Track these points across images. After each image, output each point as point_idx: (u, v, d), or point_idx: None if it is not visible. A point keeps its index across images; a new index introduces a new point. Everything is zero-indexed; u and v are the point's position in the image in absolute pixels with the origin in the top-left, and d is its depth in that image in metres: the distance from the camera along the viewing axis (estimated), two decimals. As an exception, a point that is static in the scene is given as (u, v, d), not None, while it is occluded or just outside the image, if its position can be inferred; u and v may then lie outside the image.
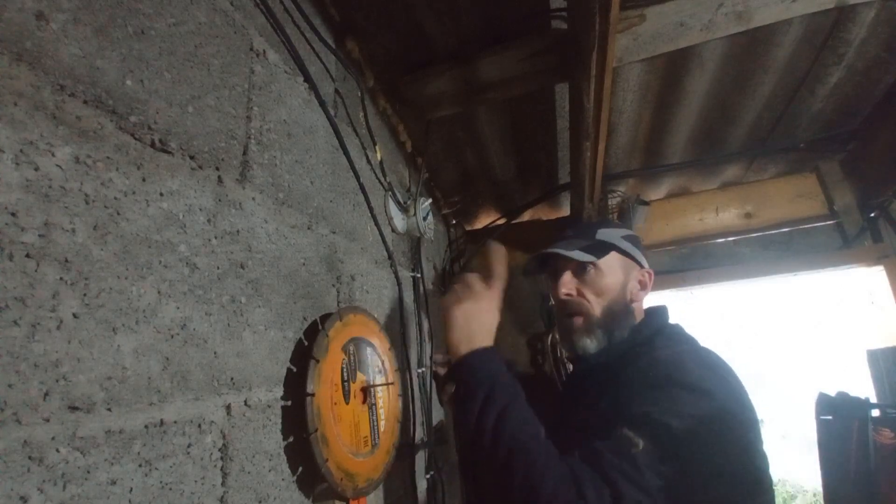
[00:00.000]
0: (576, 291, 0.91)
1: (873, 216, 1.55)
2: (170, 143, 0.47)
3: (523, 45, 0.98)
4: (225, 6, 0.59)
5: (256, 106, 0.63)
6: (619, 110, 1.32)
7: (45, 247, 0.34)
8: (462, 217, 1.90)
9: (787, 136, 1.49)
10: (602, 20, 0.75)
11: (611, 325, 0.89)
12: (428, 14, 0.93)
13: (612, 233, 0.96)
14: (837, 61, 1.18)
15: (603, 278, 0.91)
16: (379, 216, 1.01)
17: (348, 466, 0.66)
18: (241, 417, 0.52)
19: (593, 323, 0.89)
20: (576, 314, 0.91)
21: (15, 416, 0.31)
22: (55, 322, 0.34)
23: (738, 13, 0.92)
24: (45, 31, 0.36)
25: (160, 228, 0.45)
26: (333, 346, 0.68)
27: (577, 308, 0.91)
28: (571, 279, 0.92)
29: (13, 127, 0.33)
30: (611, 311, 0.90)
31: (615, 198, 1.75)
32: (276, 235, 0.64)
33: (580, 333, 0.90)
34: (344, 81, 0.94)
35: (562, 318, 0.94)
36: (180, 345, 0.45)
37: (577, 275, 0.92)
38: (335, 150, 0.85)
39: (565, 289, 0.91)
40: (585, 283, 0.91)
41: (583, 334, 0.89)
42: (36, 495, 0.31)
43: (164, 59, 0.48)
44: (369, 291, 0.94)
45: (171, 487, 0.42)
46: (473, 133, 1.36)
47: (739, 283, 1.68)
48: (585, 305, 0.90)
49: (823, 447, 1.28)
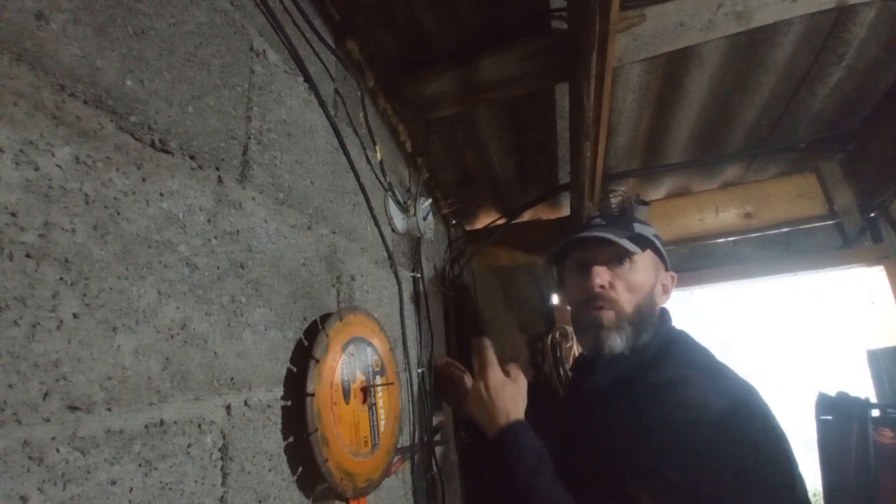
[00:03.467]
0: (609, 284, 0.85)
1: (873, 216, 1.55)
2: (170, 143, 0.47)
3: (523, 45, 0.98)
4: (225, 6, 0.59)
5: (256, 106, 0.63)
6: (619, 110, 1.32)
7: (45, 247, 0.34)
8: (462, 217, 1.90)
9: (787, 136, 1.49)
10: (602, 20, 0.75)
11: (640, 325, 0.83)
12: (428, 14, 0.93)
13: (646, 228, 0.91)
14: (837, 61, 1.18)
15: (637, 274, 0.85)
16: (379, 216, 1.01)
17: (348, 466, 0.66)
18: (241, 417, 0.52)
19: (624, 319, 0.83)
20: (607, 308, 0.84)
21: (15, 416, 0.31)
22: (55, 322, 0.34)
23: (738, 13, 0.92)
24: (45, 31, 0.36)
25: (160, 228, 0.45)
26: (333, 346, 0.68)
27: (609, 302, 0.84)
28: (606, 271, 0.85)
29: (13, 127, 0.33)
30: (640, 310, 0.84)
31: (615, 198, 1.75)
32: (276, 235, 0.64)
33: (609, 329, 0.83)
34: (344, 81, 0.94)
35: (587, 311, 0.86)
36: (180, 345, 0.45)
37: (611, 267, 0.86)
38: (335, 150, 0.85)
39: (600, 279, 0.84)
40: (619, 277, 0.85)
41: (612, 330, 0.83)
42: (36, 495, 0.31)
43: (164, 59, 0.48)
44: (369, 291, 0.94)
45: (171, 487, 0.42)
46: (473, 133, 1.36)
47: (739, 283, 1.68)
48: (617, 301, 0.84)
49: (823, 447, 1.28)
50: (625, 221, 0.91)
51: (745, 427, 0.66)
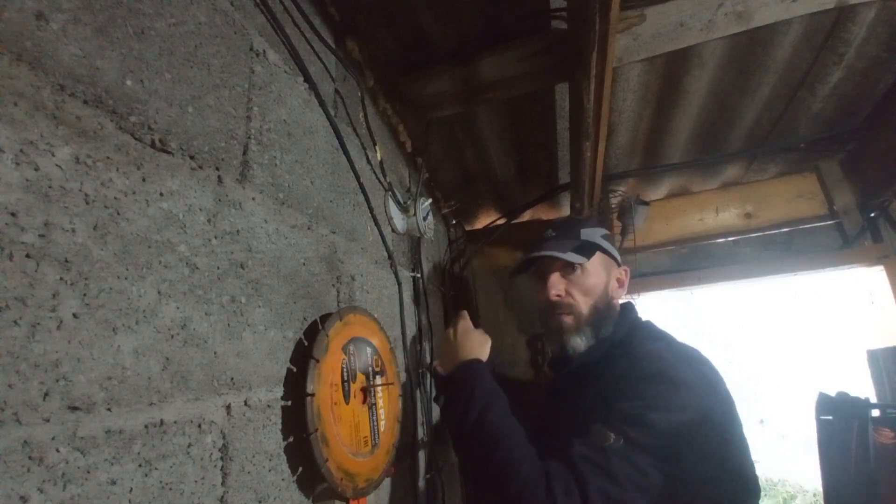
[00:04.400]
0: (564, 292, 0.94)
1: (873, 216, 1.55)
2: (170, 143, 0.47)
3: (523, 45, 0.98)
4: (225, 6, 0.59)
5: (256, 106, 0.63)
6: (619, 110, 1.32)
7: (45, 247, 0.34)
8: (462, 217, 1.90)
9: (787, 136, 1.49)
10: (602, 20, 0.75)
11: (598, 323, 0.92)
12: (428, 14, 0.93)
13: (593, 232, 0.98)
14: (837, 61, 1.18)
15: (589, 278, 0.93)
16: (379, 216, 1.01)
17: (348, 466, 0.66)
18: (241, 417, 0.52)
19: (582, 321, 0.92)
20: (566, 314, 0.93)
21: (15, 416, 0.31)
22: (55, 322, 0.34)
23: (738, 13, 0.92)
24: (45, 31, 0.36)
25: (160, 228, 0.45)
26: (333, 346, 0.68)
27: (567, 308, 0.93)
28: (560, 279, 0.94)
29: (13, 127, 0.33)
30: (597, 309, 0.93)
31: (615, 198, 1.75)
32: (276, 235, 0.64)
33: (570, 332, 0.92)
34: (344, 81, 0.94)
35: (551, 318, 0.95)
36: (180, 345, 0.45)
37: (564, 275, 0.94)
38: (335, 150, 0.85)
39: (555, 290, 0.94)
40: (573, 283, 0.93)
41: (573, 333, 0.92)
42: (36, 495, 0.31)
43: (164, 59, 0.48)
44: (369, 291, 0.94)
45: (171, 487, 0.42)
46: (473, 133, 1.36)
47: (739, 283, 1.68)
48: (574, 305, 0.92)
49: (823, 447, 1.28)
50: (573, 230, 0.98)
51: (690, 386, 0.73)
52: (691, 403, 0.71)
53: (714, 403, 0.74)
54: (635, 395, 0.73)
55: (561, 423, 0.88)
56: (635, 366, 0.78)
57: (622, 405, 0.72)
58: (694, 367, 0.78)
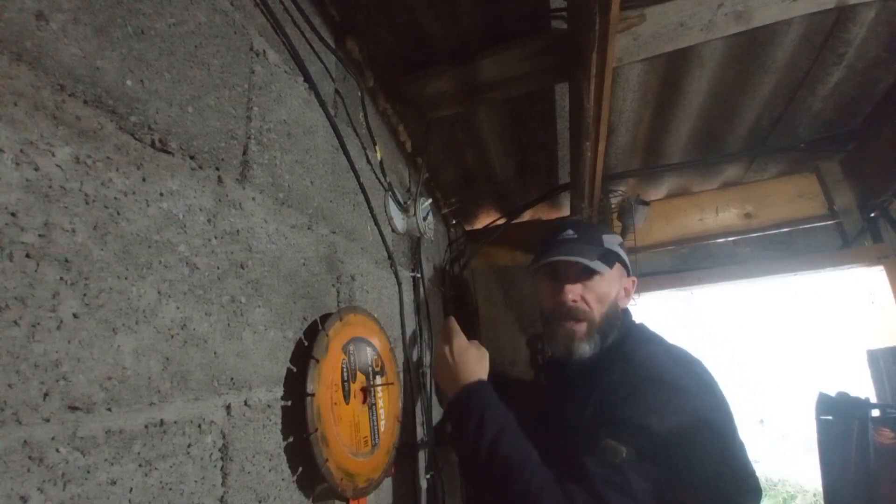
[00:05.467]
0: (580, 297, 0.92)
1: (873, 216, 1.55)
2: (170, 143, 0.47)
3: (523, 45, 0.98)
4: (225, 6, 0.59)
5: (256, 106, 0.63)
6: (619, 110, 1.32)
7: (45, 247, 0.34)
8: (462, 217, 1.90)
9: (787, 136, 1.49)
10: (602, 20, 0.75)
11: (606, 331, 0.91)
12: (428, 14, 0.93)
13: (613, 239, 0.97)
14: (837, 61, 1.18)
15: (605, 286, 0.92)
16: (379, 216, 1.01)
17: (348, 466, 0.66)
18: (241, 417, 0.52)
19: (594, 329, 0.91)
20: (579, 320, 0.91)
21: (15, 416, 0.31)
22: (55, 322, 0.34)
23: (738, 13, 0.92)
24: (45, 31, 0.36)
25: (160, 228, 0.45)
26: (333, 346, 0.68)
27: (581, 314, 0.91)
28: (578, 285, 0.92)
29: (13, 127, 0.33)
30: (607, 317, 0.92)
31: (615, 198, 1.75)
32: (276, 235, 0.64)
33: (581, 339, 0.91)
34: (344, 81, 0.94)
35: (561, 322, 0.93)
36: (180, 345, 0.45)
37: (581, 280, 0.92)
38: (335, 150, 0.85)
39: (572, 295, 0.91)
40: (589, 290, 0.92)
41: (583, 340, 0.91)
42: (36, 495, 0.31)
43: (164, 59, 0.48)
44: (369, 291, 0.94)
45: (171, 487, 0.42)
46: (473, 133, 1.36)
47: (739, 283, 1.68)
48: (588, 312, 0.91)
49: (823, 447, 1.28)
50: (594, 235, 0.96)
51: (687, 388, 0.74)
52: (691, 405, 0.72)
53: (712, 404, 0.75)
54: (637, 400, 0.73)
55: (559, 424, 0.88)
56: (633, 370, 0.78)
57: (626, 413, 0.72)
58: (688, 368, 0.79)
